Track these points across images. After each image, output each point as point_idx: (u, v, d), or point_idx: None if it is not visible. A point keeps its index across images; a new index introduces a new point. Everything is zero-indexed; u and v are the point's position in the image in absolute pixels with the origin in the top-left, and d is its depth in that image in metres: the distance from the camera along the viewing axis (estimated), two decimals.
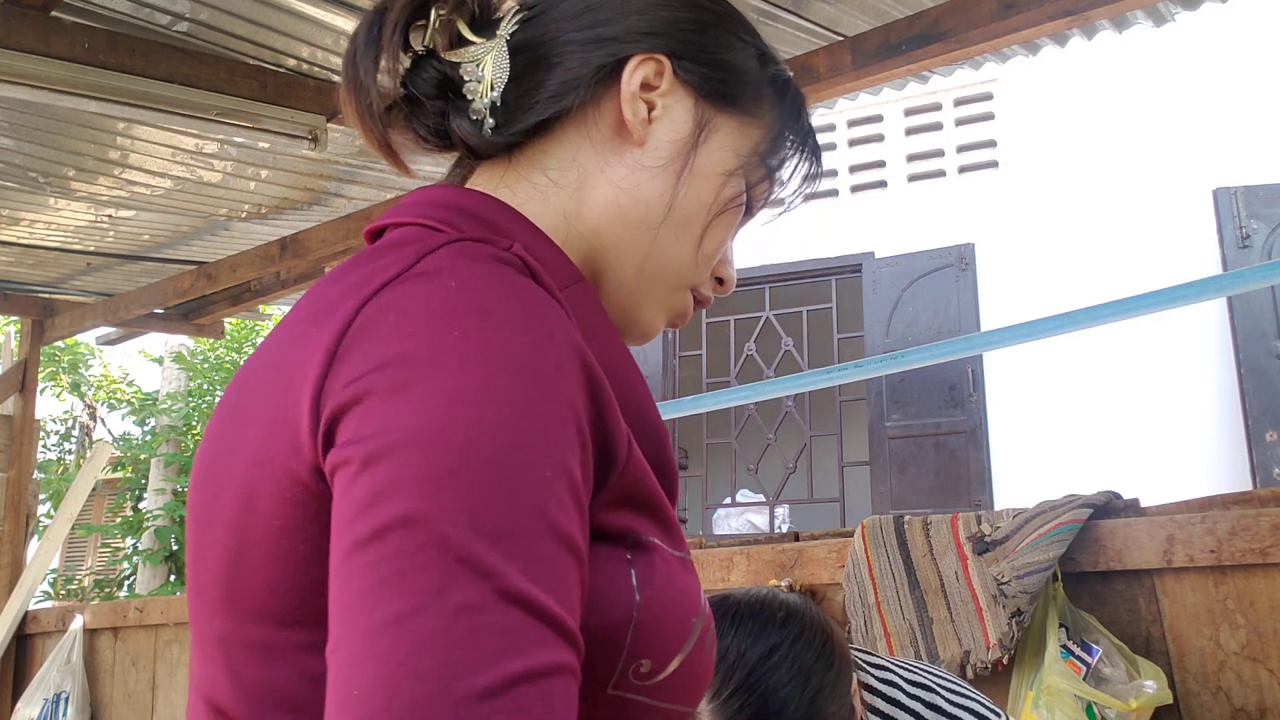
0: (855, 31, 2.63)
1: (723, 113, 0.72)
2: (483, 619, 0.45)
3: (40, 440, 7.12)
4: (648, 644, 0.57)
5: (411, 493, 0.47)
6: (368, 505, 0.48)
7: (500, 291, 0.54)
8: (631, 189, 0.69)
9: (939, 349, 3.01)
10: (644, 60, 0.69)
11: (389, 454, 0.48)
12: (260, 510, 0.55)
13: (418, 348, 0.51)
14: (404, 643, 0.44)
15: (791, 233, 6.14)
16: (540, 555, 0.48)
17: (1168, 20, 2.95)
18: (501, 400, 0.50)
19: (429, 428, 0.49)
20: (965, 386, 5.39)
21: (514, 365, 0.51)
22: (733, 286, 0.78)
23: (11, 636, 4.21)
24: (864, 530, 2.26)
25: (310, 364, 0.54)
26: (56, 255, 4.11)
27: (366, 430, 0.50)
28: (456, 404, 0.49)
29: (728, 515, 6.24)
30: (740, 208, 0.73)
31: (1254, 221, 4.81)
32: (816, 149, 0.79)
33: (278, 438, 0.54)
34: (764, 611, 1.17)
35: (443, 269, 0.55)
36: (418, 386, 0.50)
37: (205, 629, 0.59)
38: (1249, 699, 1.84)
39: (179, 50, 2.54)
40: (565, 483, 0.50)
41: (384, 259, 0.58)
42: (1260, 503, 1.92)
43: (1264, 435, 4.64)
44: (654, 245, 0.70)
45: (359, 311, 0.54)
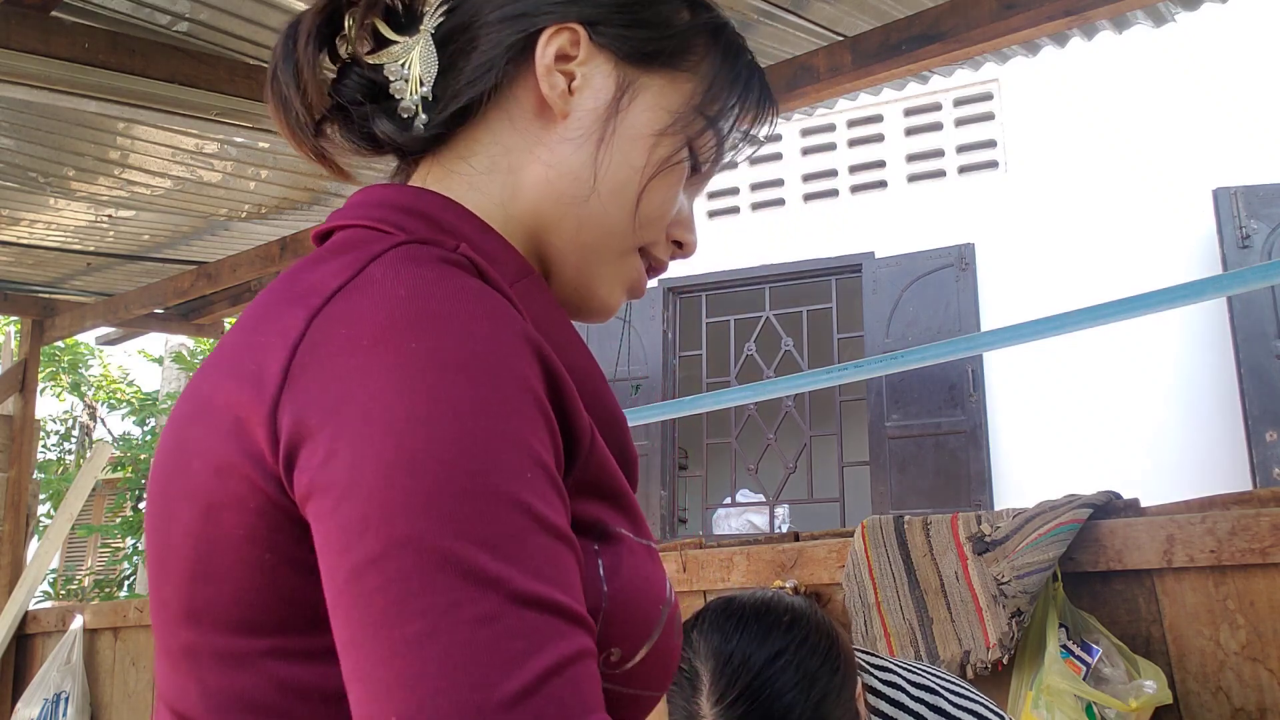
0: (855, 31, 2.63)
1: (648, 72, 0.69)
2: (500, 625, 0.46)
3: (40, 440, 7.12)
4: (617, 633, 0.57)
5: (400, 515, 0.48)
6: (359, 532, 0.48)
7: (448, 296, 0.54)
8: (559, 164, 0.68)
9: (939, 349, 3.01)
10: (557, 31, 0.67)
11: (368, 478, 0.49)
12: (223, 520, 0.55)
13: (374, 364, 0.51)
14: (430, 663, 0.45)
15: (791, 233, 6.14)
16: (536, 551, 0.49)
17: (1168, 20, 2.95)
18: (466, 408, 0.50)
19: (401, 448, 0.49)
20: (965, 386, 5.39)
21: (472, 371, 0.51)
22: (694, 250, 0.76)
23: (11, 636, 4.21)
24: (864, 530, 2.26)
25: (264, 377, 0.54)
26: (56, 255, 4.11)
27: (338, 456, 0.50)
28: (423, 420, 0.49)
29: (728, 515, 6.24)
30: (681, 165, 0.70)
31: (1254, 221, 4.81)
32: (763, 87, 0.76)
33: (236, 448, 0.54)
34: (769, 614, 1.16)
35: (389, 276, 0.55)
36: (381, 407, 0.50)
37: (170, 640, 0.59)
38: (1249, 699, 1.84)
39: (179, 50, 2.54)
40: (543, 476, 0.51)
41: (330, 265, 0.57)
42: (1260, 503, 1.92)
43: (1264, 435, 4.63)
44: (588, 217, 0.68)
45: (310, 324, 0.54)
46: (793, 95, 2.78)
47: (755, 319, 6.08)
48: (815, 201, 6.29)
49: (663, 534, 5.82)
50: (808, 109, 4.26)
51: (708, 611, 1.20)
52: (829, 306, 5.90)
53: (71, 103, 2.54)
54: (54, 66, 2.36)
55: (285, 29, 0.68)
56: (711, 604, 1.21)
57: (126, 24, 2.48)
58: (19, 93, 2.45)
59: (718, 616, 1.17)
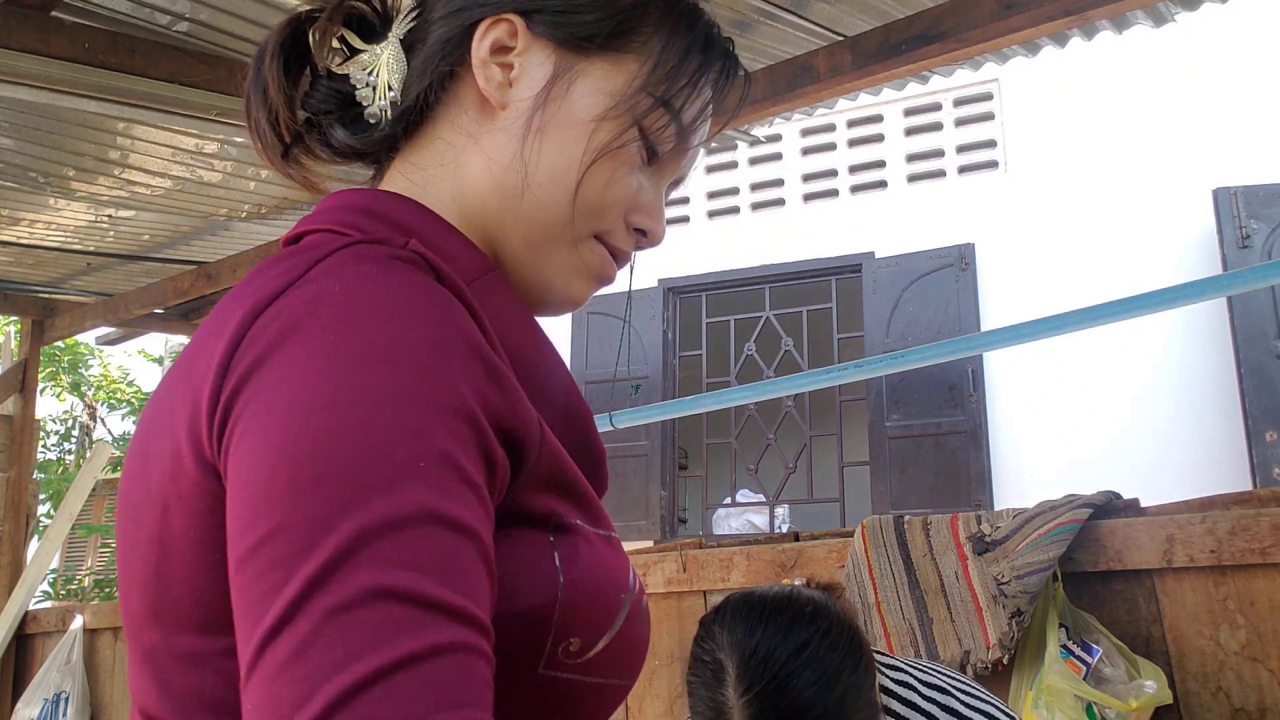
0: (855, 31, 2.63)
1: (588, 56, 0.68)
2: (350, 616, 0.45)
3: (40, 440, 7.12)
4: (576, 622, 0.57)
5: (282, 502, 0.48)
6: (247, 520, 0.49)
7: (385, 291, 0.54)
8: (497, 157, 0.67)
9: (939, 349, 3.01)
10: (493, 23, 0.67)
11: (261, 465, 0.49)
12: (175, 523, 0.56)
13: (290, 354, 0.52)
14: (276, 655, 0.45)
15: (791, 233, 6.14)
16: (415, 542, 0.47)
17: (1168, 20, 2.95)
18: (371, 399, 0.50)
19: (292, 437, 0.49)
20: (965, 386, 5.39)
21: (387, 363, 0.51)
22: (659, 238, 0.73)
23: (11, 636, 4.21)
24: (864, 530, 2.26)
25: (208, 377, 0.54)
26: (56, 255, 4.11)
27: (244, 442, 0.51)
28: (318, 408, 0.50)
29: (728, 515, 6.24)
30: (626, 149, 0.68)
31: (1254, 221, 4.81)
32: (724, 57, 0.72)
33: (185, 451, 0.55)
34: (791, 607, 1.16)
35: (329, 273, 0.55)
36: (282, 396, 0.51)
37: (135, 642, 0.61)
38: (1249, 699, 1.84)
39: (179, 50, 2.54)
40: (449, 470, 0.50)
41: (280, 266, 0.58)
42: (1260, 503, 1.92)
43: (1264, 435, 4.63)
44: (527, 209, 0.67)
45: (252, 323, 0.54)
46: (793, 95, 2.78)
47: (755, 319, 6.08)
48: (815, 201, 6.29)
49: (663, 534, 5.82)
50: (808, 109, 4.26)
51: (728, 605, 1.20)
52: (829, 306, 5.90)
53: (71, 103, 2.54)
54: (54, 66, 2.36)
55: (255, 53, 0.69)
56: (731, 598, 1.21)
57: (126, 24, 2.48)
58: (19, 93, 2.45)
59: (740, 609, 1.18)
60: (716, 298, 6.28)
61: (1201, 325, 5.05)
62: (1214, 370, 5.00)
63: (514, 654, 0.55)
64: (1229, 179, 4.98)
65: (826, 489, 5.82)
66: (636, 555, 2.71)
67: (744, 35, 2.65)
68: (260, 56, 0.68)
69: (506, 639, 0.54)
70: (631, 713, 2.64)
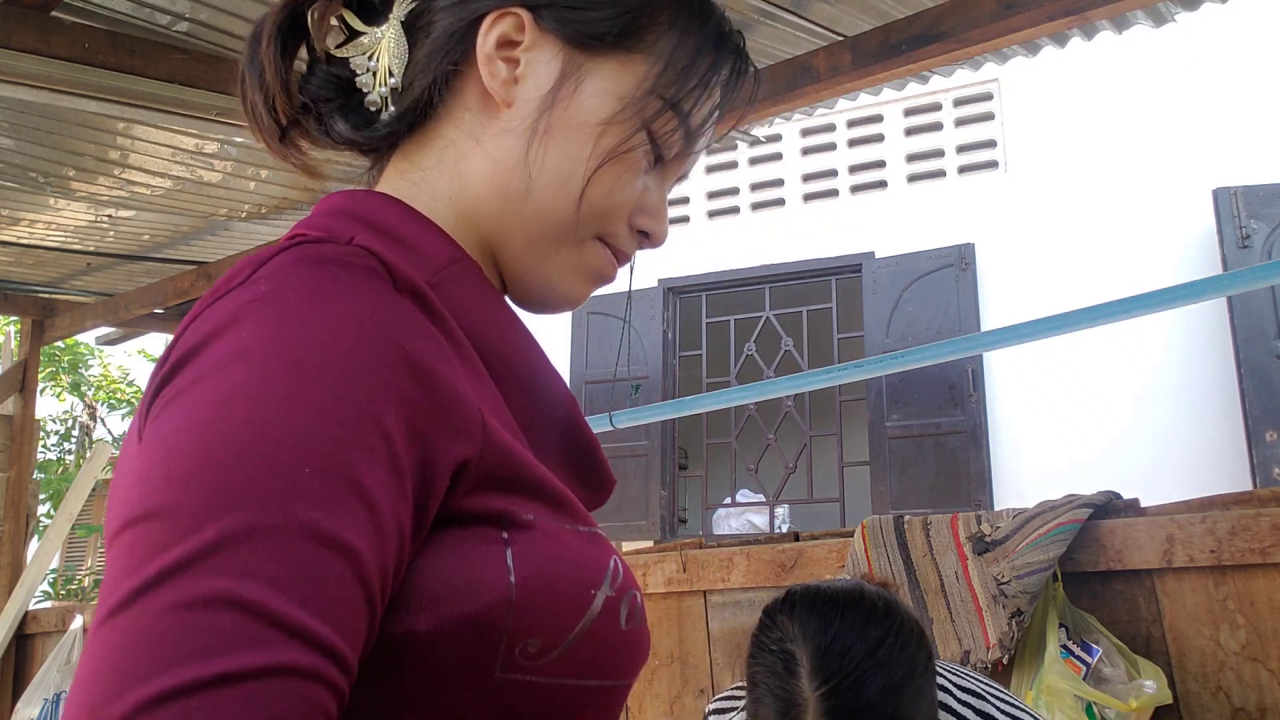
0: (855, 31, 2.63)
1: (596, 56, 0.66)
2: (189, 617, 0.43)
3: (40, 440, 7.12)
4: (533, 623, 0.55)
5: (155, 490, 0.47)
6: (125, 503, 0.49)
7: (305, 291, 0.53)
8: (501, 157, 0.66)
9: (939, 349, 3.01)
10: (500, 17, 0.65)
11: (152, 452, 0.49)
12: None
13: (209, 356, 0.51)
14: (110, 636, 0.44)
15: (791, 233, 6.14)
16: (278, 554, 0.45)
17: (1168, 20, 2.95)
18: (265, 400, 0.49)
19: (186, 429, 0.49)
20: (965, 386, 5.39)
21: (295, 368, 0.50)
22: (662, 239, 0.72)
23: (11, 636, 4.21)
24: (864, 530, 2.26)
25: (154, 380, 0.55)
26: (56, 255, 4.11)
27: (149, 431, 0.51)
28: (215, 405, 0.49)
29: (728, 515, 6.24)
30: (634, 153, 0.66)
31: (1254, 221, 4.81)
32: (735, 57, 0.71)
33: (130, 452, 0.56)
34: (864, 602, 1.15)
35: (268, 275, 0.55)
36: (191, 392, 0.50)
37: None
38: (1249, 699, 1.84)
39: (179, 50, 2.54)
40: (339, 482, 0.48)
41: (231, 271, 0.58)
42: (1260, 503, 1.92)
43: (1264, 435, 4.63)
44: (530, 211, 0.66)
45: (191, 325, 0.55)
46: (793, 95, 2.78)
47: (755, 319, 6.08)
48: (815, 201, 6.29)
49: (663, 534, 5.82)
50: (808, 109, 4.26)
51: (796, 596, 1.19)
52: (829, 306, 5.90)
53: (71, 103, 2.54)
54: (54, 66, 2.36)
55: (250, 33, 0.67)
56: (797, 589, 1.21)
57: (126, 24, 2.48)
58: (19, 93, 2.45)
59: (811, 601, 1.16)
60: (716, 298, 6.28)
61: (1201, 325, 5.05)
62: (1214, 370, 5.00)
63: (466, 659, 0.53)
64: (1229, 179, 4.98)
65: (826, 489, 5.82)
66: (636, 555, 2.71)
67: (744, 35, 2.65)
68: (257, 37, 0.66)
69: (456, 643, 0.53)
70: (631, 713, 2.64)
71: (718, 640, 2.53)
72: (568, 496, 0.61)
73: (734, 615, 2.51)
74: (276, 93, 0.67)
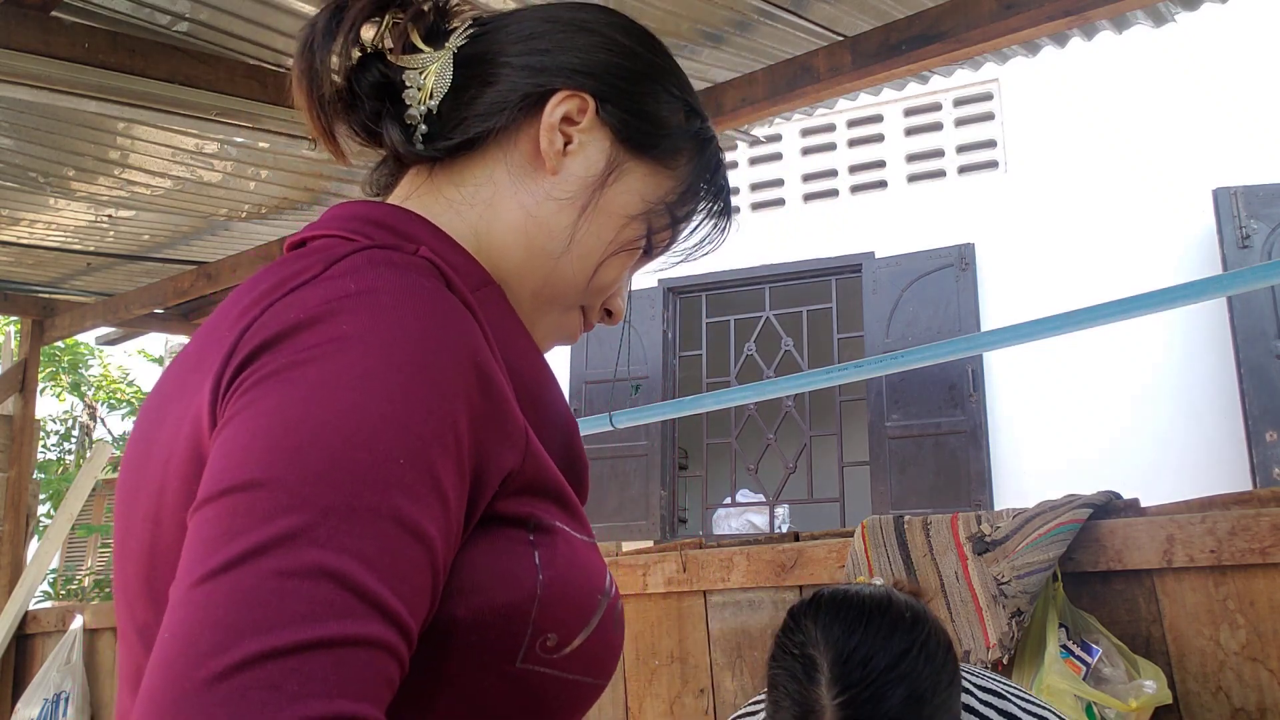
0: (855, 31, 2.63)
1: (636, 158, 0.74)
2: (292, 584, 0.47)
3: (40, 440, 7.12)
4: (553, 619, 0.60)
5: (259, 462, 0.51)
6: (220, 471, 0.52)
7: (397, 294, 0.57)
8: (540, 216, 0.72)
9: (939, 349, 3.01)
10: (570, 96, 0.71)
11: (250, 426, 0.52)
12: (170, 501, 0.59)
13: (304, 342, 0.54)
14: (214, 593, 0.47)
15: (791, 233, 6.14)
16: (373, 536, 0.50)
17: (1168, 20, 2.95)
18: (368, 388, 0.53)
19: (291, 405, 0.52)
20: (965, 386, 5.39)
21: (391, 359, 0.54)
22: (620, 319, 0.81)
23: (11, 636, 4.21)
24: (864, 530, 2.26)
25: (216, 365, 0.57)
26: (56, 255, 4.11)
27: (238, 406, 0.54)
28: (320, 387, 0.53)
29: (728, 515, 6.24)
30: (638, 249, 0.76)
31: (1254, 221, 4.81)
32: (727, 208, 0.81)
33: (183, 432, 0.58)
34: (891, 611, 1.13)
35: (347, 273, 0.58)
36: (290, 374, 0.53)
37: (127, 622, 0.63)
38: (1249, 699, 1.84)
39: (179, 50, 2.54)
40: (425, 478, 0.53)
41: (293, 265, 0.61)
42: (1260, 503, 1.92)
43: (1264, 435, 4.63)
44: (553, 273, 0.73)
45: (264, 311, 0.57)
46: (793, 95, 2.78)
47: (755, 319, 6.08)
48: (815, 201, 6.29)
49: (663, 534, 5.82)
50: (808, 109, 4.26)
51: (822, 599, 1.16)
52: (829, 306, 5.90)
53: (71, 103, 2.54)
54: (54, 66, 2.36)
55: (331, 6, 0.70)
56: (824, 592, 1.18)
57: (126, 24, 2.48)
58: (19, 93, 2.45)
59: (836, 606, 1.14)
60: (716, 298, 6.28)
61: (1201, 325, 5.05)
62: (1214, 370, 5.00)
63: (492, 647, 0.58)
64: (1229, 179, 4.98)
65: (826, 489, 5.82)
66: (636, 555, 2.71)
67: (744, 35, 2.65)
68: (340, 14, 0.70)
69: (485, 631, 0.58)
70: (632, 713, 2.64)
71: (718, 640, 2.53)
72: (578, 507, 0.67)
73: (734, 615, 2.51)
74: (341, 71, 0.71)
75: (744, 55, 2.77)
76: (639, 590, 2.63)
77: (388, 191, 0.77)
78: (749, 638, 2.47)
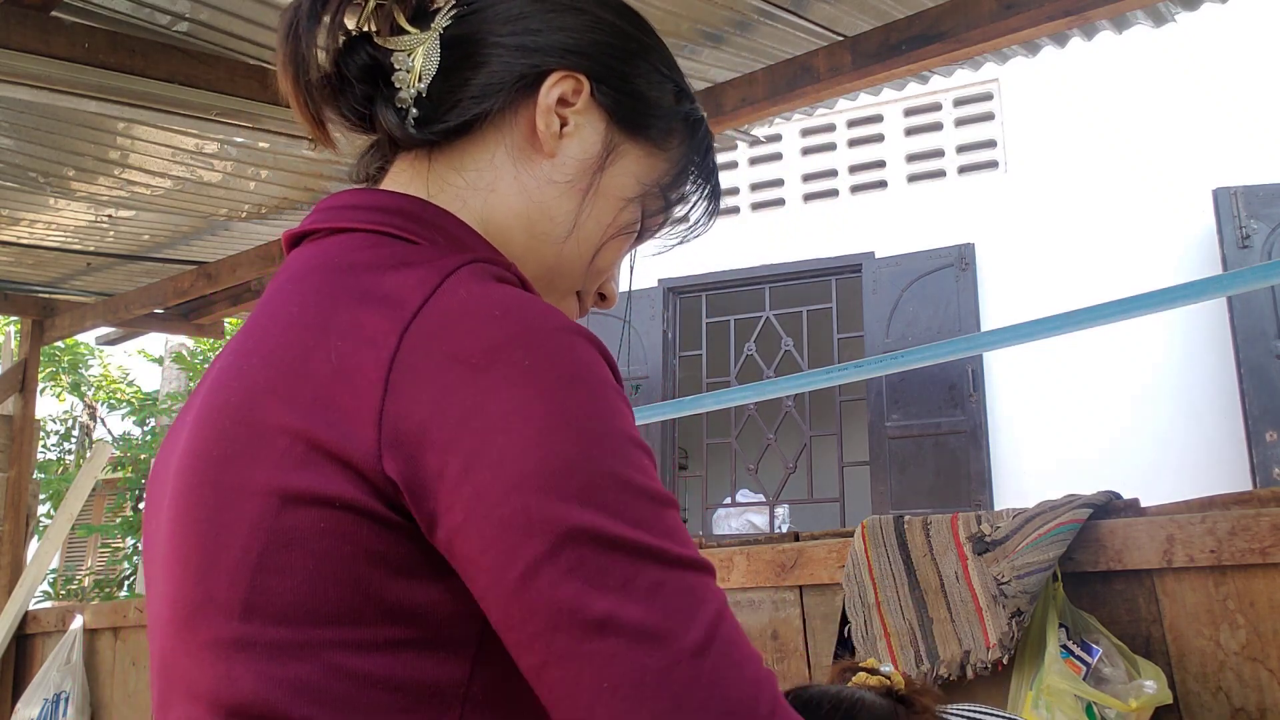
0: (855, 31, 2.63)
1: (631, 140, 0.73)
2: (670, 588, 0.54)
3: (40, 440, 7.12)
4: None
5: (560, 512, 0.53)
6: (522, 535, 0.53)
7: (539, 315, 0.59)
8: (541, 201, 0.71)
9: (939, 349, 3.01)
10: (565, 76, 0.71)
11: (516, 485, 0.54)
12: (298, 515, 0.57)
13: (494, 380, 0.55)
14: (626, 629, 0.52)
15: (791, 233, 6.14)
16: (664, 521, 0.56)
17: (1168, 20, 2.95)
18: (584, 413, 0.56)
19: (542, 455, 0.54)
20: (965, 386, 5.39)
21: (579, 380, 0.57)
22: (614, 303, 0.81)
23: (11, 636, 4.21)
24: (864, 530, 2.26)
25: (358, 383, 0.56)
26: (56, 255, 4.11)
27: (480, 468, 0.54)
28: (554, 429, 0.55)
29: (728, 515, 6.24)
30: (634, 233, 0.76)
31: (1254, 221, 4.81)
32: (717, 190, 0.81)
33: (319, 453, 0.56)
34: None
35: (475, 294, 0.59)
36: (514, 420, 0.55)
37: (207, 633, 0.59)
38: (1249, 699, 1.84)
39: (179, 50, 2.54)
40: (646, 458, 0.58)
41: (400, 275, 0.60)
42: (1260, 503, 1.92)
43: (1264, 435, 4.63)
44: (555, 257, 0.73)
45: (402, 336, 0.57)
46: (793, 95, 2.78)
47: (755, 319, 6.07)
48: (815, 201, 6.29)
49: None
50: (808, 109, 4.26)
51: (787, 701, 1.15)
52: (829, 306, 5.90)
53: (71, 103, 2.54)
54: (54, 66, 2.35)
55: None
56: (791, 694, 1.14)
57: (126, 24, 2.48)
58: (19, 93, 2.45)
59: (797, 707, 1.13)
60: (716, 298, 6.28)
61: (1201, 325, 5.05)
62: (1214, 370, 5.00)
63: None
64: (1229, 179, 4.98)
65: (826, 489, 5.82)
66: None
67: (744, 35, 2.65)
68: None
69: None
70: None
71: None
72: None
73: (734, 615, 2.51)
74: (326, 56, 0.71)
75: (744, 55, 2.77)
76: None
77: (378, 179, 0.75)
78: (749, 638, 2.47)
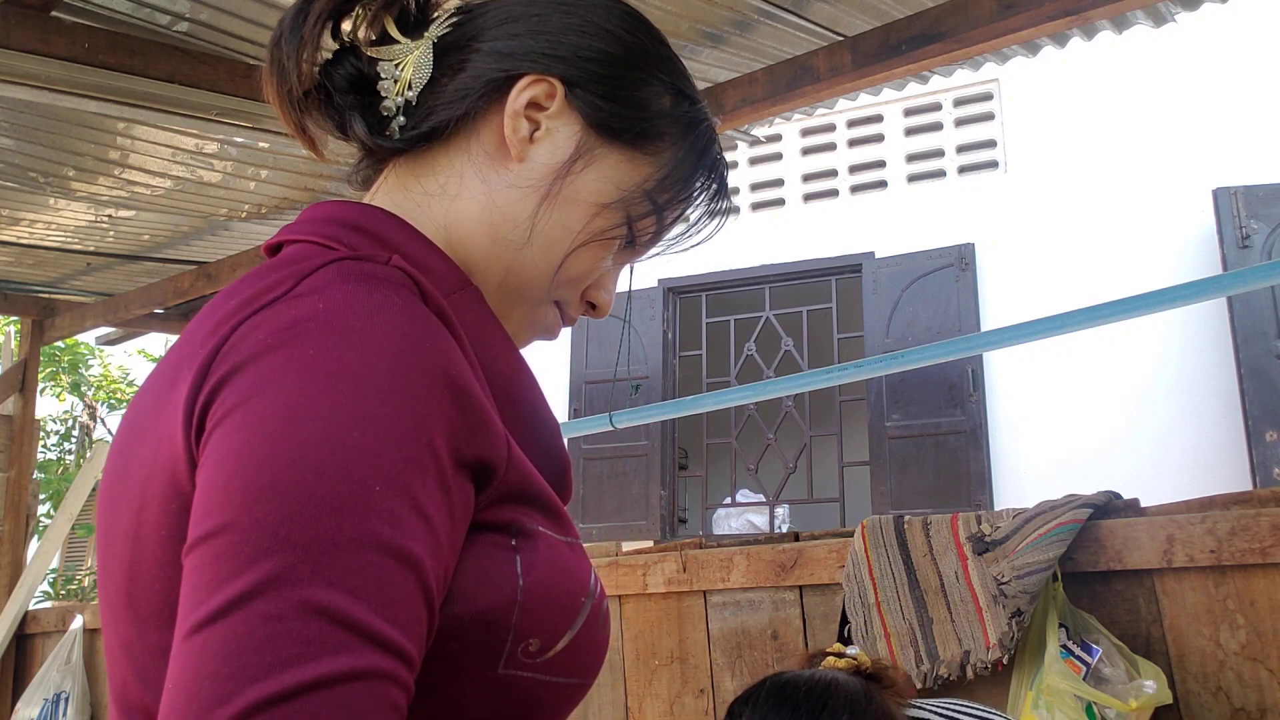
0: (855, 31, 2.63)
1: (610, 145, 0.71)
2: (282, 626, 0.47)
3: (40, 440, 7.12)
4: (535, 623, 0.60)
5: (234, 504, 0.50)
6: (201, 514, 0.52)
7: (364, 311, 0.56)
8: (503, 205, 0.70)
9: (939, 349, 3.01)
10: (536, 80, 0.69)
11: (222, 467, 0.52)
12: (149, 521, 0.58)
13: (272, 367, 0.54)
14: (209, 644, 0.47)
15: (791, 233, 6.14)
16: (357, 566, 0.49)
17: (1168, 20, 2.95)
18: (337, 417, 0.52)
19: (258, 443, 0.51)
20: (965, 386, 5.39)
21: (359, 383, 0.53)
22: (606, 312, 0.77)
23: (11, 636, 4.21)
24: (864, 530, 2.26)
25: (190, 381, 0.56)
26: (56, 255, 4.11)
27: (219, 440, 0.53)
28: (288, 420, 0.52)
29: (728, 515, 6.24)
30: (614, 240, 0.73)
31: (1254, 221, 4.81)
32: (721, 193, 0.78)
33: (162, 452, 0.58)
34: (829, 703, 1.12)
35: (315, 289, 0.57)
36: (256, 403, 0.53)
37: (112, 635, 0.63)
38: (1249, 699, 1.84)
39: (179, 50, 2.54)
40: (402, 498, 0.52)
41: (266, 280, 0.60)
42: (1260, 503, 1.92)
43: (1264, 435, 4.63)
44: (516, 263, 0.70)
45: (234, 330, 0.57)
46: (793, 95, 2.78)
47: (755, 319, 6.08)
48: (815, 201, 6.29)
49: (663, 534, 5.82)
50: (808, 109, 4.26)
51: (763, 689, 1.16)
52: (829, 306, 5.90)
53: (71, 103, 2.54)
54: (54, 66, 2.36)
55: (299, 3, 0.70)
56: (767, 681, 1.18)
57: (126, 24, 2.48)
58: (19, 93, 2.45)
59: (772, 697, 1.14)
60: (716, 298, 6.28)
61: (1201, 325, 5.05)
62: (1214, 370, 5.00)
63: (473, 654, 0.58)
64: (1229, 179, 4.98)
65: (826, 489, 5.82)
66: (636, 555, 2.71)
67: (744, 35, 2.65)
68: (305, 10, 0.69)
69: (466, 639, 0.57)
70: (632, 713, 2.64)
71: (718, 640, 2.53)
72: (561, 509, 0.66)
73: (734, 615, 2.51)
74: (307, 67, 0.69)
75: (744, 55, 2.77)
76: (639, 590, 2.63)
77: (369, 187, 0.76)
78: (749, 638, 2.47)
